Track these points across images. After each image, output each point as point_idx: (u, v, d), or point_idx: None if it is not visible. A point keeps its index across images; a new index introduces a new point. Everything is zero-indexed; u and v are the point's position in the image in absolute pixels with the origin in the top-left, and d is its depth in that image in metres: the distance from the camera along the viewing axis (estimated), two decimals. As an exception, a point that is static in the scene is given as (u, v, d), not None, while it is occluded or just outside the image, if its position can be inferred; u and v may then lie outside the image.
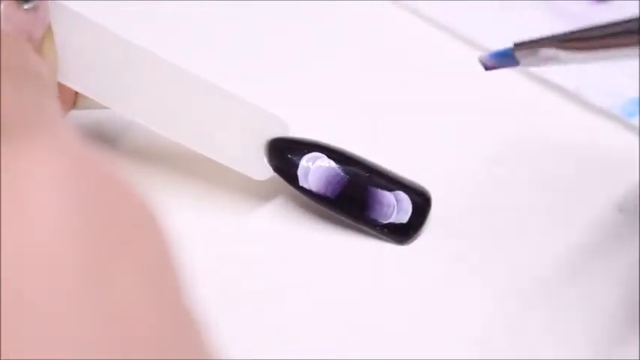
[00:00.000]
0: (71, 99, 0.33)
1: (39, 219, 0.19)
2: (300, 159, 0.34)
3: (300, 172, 0.34)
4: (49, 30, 0.30)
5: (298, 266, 0.34)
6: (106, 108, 0.33)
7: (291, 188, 0.35)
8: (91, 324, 0.18)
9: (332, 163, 0.34)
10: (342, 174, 0.34)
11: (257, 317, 0.32)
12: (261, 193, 0.36)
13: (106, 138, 0.37)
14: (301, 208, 0.36)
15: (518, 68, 0.41)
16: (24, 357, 0.18)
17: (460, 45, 0.43)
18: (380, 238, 0.35)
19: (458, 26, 0.43)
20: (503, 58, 0.33)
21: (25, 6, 0.28)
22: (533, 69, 0.41)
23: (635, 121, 0.39)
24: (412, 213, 0.35)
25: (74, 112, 0.34)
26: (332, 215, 0.35)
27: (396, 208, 0.35)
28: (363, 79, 0.41)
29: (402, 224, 0.35)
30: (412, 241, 0.35)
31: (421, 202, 0.35)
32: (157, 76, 0.34)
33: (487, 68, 0.34)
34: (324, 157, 0.35)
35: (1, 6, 0.28)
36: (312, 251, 0.35)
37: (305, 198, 0.35)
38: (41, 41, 0.30)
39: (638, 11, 0.42)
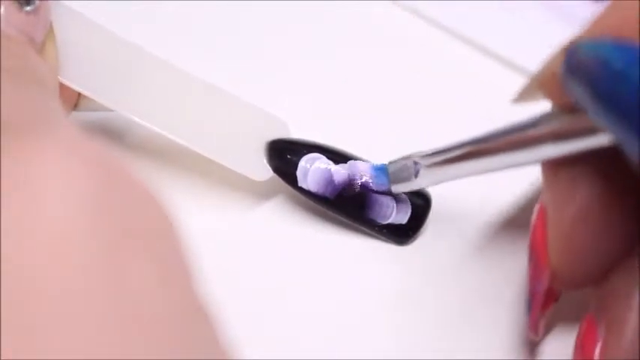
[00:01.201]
0: (73, 100, 0.33)
1: (52, 218, 0.19)
2: (299, 160, 0.34)
3: (299, 173, 0.34)
4: (50, 31, 0.30)
5: (297, 266, 0.34)
6: (107, 109, 0.33)
7: (290, 189, 0.35)
8: (107, 324, 0.18)
9: (331, 164, 0.35)
10: None
11: (255, 318, 0.32)
12: (260, 194, 0.36)
13: (106, 138, 0.37)
14: (300, 209, 0.36)
15: (519, 69, 0.41)
16: (38, 357, 0.18)
17: (460, 45, 0.43)
18: (379, 239, 0.35)
19: (458, 26, 0.43)
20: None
21: (27, 8, 0.28)
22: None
23: None
24: (411, 213, 0.35)
25: (75, 114, 0.34)
26: (331, 216, 0.35)
27: (395, 208, 0.35)
28: (362, 79, 0.41)
29: (401, 225, 0.35)
30: (412, 242, 0.35)
31: (421, 203, 0.35)
32: (158, 77, 0.34)
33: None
34: (323, 157, 0.35)
35: (2, 8, 0.28)
36: (311, 251, 0.35)
37: (304, 198, 0.35)
38: (42, 43, 0.30)
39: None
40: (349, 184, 0.34)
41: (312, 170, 0.34)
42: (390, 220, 0.35)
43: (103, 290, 0.19)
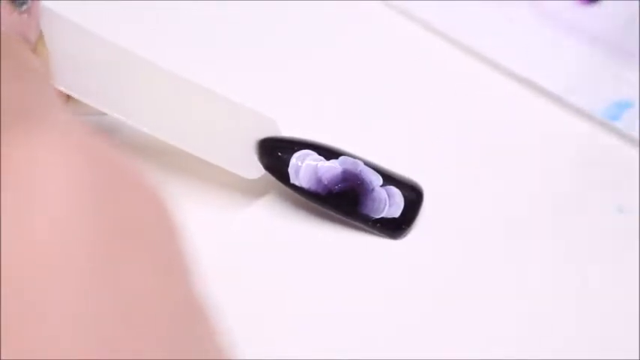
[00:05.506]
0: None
1: (47, 208, 0.19)
2: (290, 157, 0.35)
3: (291, 170, 0.34)
4: (40, 33, 0.30)
5: (291, 263, 0.34)
6: (96, 113, 0.33)
7: (282, 186, 0.35)
8: (100, 322, 0.18)
9: (323, 161, 0.35)
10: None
11: (248, 316, 0.32)
12: (252, 192, 0.36)
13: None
14: (293, 206, 0.36)
15: (508, 72, 0.41)
16: (33, 357, 0.17)
17: (449, 45, 0.43)
18: (372, 233, 0.35)
19: (447, 27, 0.43)
20: None
21: (21, 8, 0.28)
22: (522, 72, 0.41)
23: (620, 124, 0.39)
24: (404, 207, 0.35)
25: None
26: (324, 212, 0.35)
27: (388, 202, 0.35)
28: (353, 78, 0.41)
29: (394, 219, 0.35)
30: (405, 236, 0.35)
31: (413, 197, 0.35)
32: (148, 79, 0.34)
33: None
34: (315, 154, 0.35)
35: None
36: (305, 248, 0.35)
37: (296, 195, 0.35)
38: (35, 44, 0.30)
39: (624, 14, 0.42)
40: (342, 179, 0.34)
41: (304, 167, 0.34)
42: (383, 214, 0.35)
43: (98, 287, 0.18)
